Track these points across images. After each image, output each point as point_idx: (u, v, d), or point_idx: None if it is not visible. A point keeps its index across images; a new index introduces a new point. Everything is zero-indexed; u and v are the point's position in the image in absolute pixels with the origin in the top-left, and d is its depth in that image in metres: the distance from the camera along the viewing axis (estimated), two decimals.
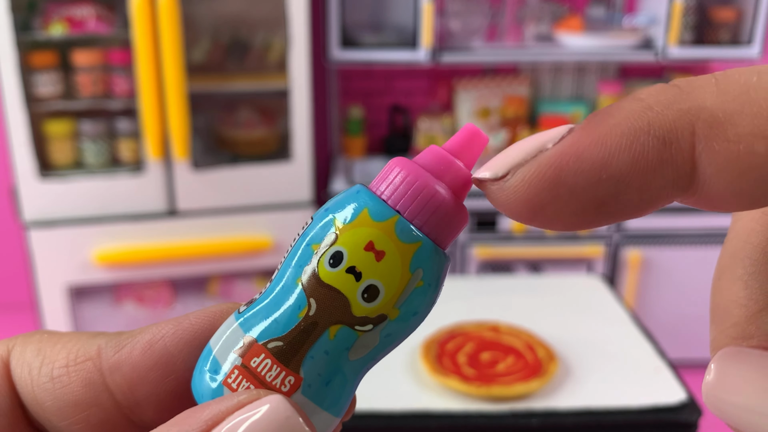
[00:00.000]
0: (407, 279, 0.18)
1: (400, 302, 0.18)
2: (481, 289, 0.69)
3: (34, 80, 1.59)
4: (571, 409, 0.43)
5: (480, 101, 2.09)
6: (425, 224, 0.19)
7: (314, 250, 0.19)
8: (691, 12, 1.89)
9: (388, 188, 0.19)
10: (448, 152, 0.20)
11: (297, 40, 1.62)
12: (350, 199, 0.19)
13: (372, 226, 0.18)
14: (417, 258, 0.18)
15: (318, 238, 0.19)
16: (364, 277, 0.18)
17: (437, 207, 0.19)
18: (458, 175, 0.20)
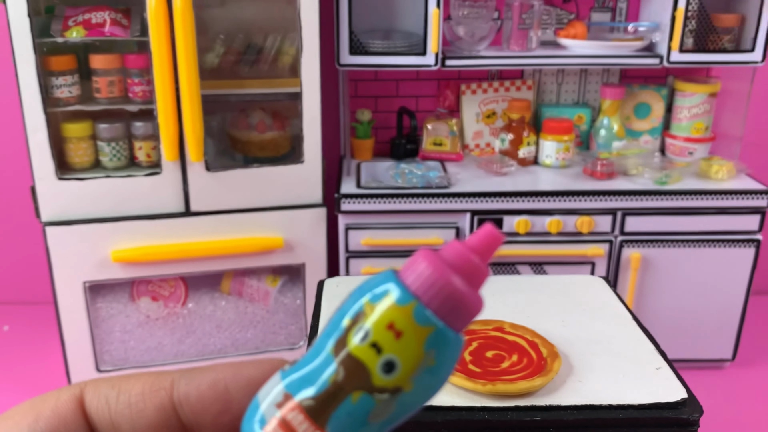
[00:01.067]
0: (421, 357, 0.21)
1: (414, 376, 0.21)
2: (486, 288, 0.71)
3: (52, 83, 1.63)
4: (573, 405, 0.46)
5: (485, 105, 2.12)
6: (441, 311, 0.22)
7: (346, 325, 0.22)
8: (693, 18, 1.91)
9: (413, 276, 0.22)
10: (468, 248, 0.23)
11: (309, 45, 1.66)
12: (380, 283, 0.22)
13: (394, 309, 0.21)
14: (431, 340, 0.21)
15: (351, 314, 0.22)
16: (384, 351, 0.21)
17: (453, 298, 0.22)
18: (475, 271, 0.23)
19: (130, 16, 1.68)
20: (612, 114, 2.01)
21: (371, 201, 1.79)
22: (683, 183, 1.87)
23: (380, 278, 0.23)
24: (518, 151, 2.00)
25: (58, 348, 1.88)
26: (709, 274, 1.89)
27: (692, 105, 2.02)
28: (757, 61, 1.89)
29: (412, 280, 0.22)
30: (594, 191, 1.81)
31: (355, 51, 1.81)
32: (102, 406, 0.26)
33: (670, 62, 1.88)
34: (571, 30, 1.95)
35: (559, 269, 1.88)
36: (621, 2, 2.05)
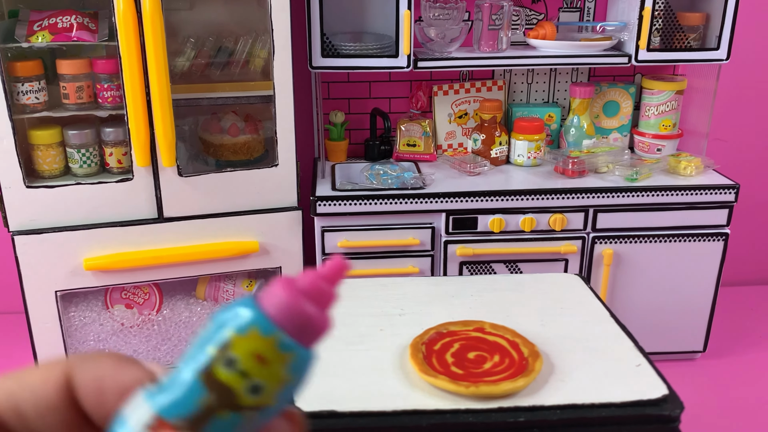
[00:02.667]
0: (285, 379, 0.24)
1: (277, 394, 0.24)
2: (464, 289, 0.72)
3: (18, 89, 1.60)
4: (557, 405, 0.47)
5: (457, 106, 2.13)
6: (297, 333, 0.24)
7: (213, 354, 0.24)
8: (660, 17, 1.95)
9: (273, 305, 0.24)
10: (319, 277, 0.26)
11: (280, 48, 1.65)
12: (243, 314, 0.24)
13: (260, 340, 0.24)
14: (292, 363, 0.24)
15: (216, 343, 0.24)
16: (251, 377, 0.23)
17: (307, 321, 0.25)
18: (325, 296, 0.26)
19: (98, 20, 1.66)
20: (581, 113, 2.04)
21: (347, 203, 1.79)
22: (653, 179, 1.90)
23: (242, 309, 0.25)
24: (490, 150, 2.01)
25: (30, 358, 1.85)
26: (680, 268, 1.93)
27: (660, 102, 2.06)
28: (722, 59, 1.93)
29: (272, 309, 0.24)
30: (566, 189, 1.84)
31: (327, 53, 1.81)
32: (6, 397, 0.26)
33: (638, 61, 1.91)
34: (541, 30, 1.97)
35: (533, 267, 1.89)
36: (589, 2, 2.08)
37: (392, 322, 0.59)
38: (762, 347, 2.15)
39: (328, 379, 0.49)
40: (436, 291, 0.68)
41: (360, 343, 0.55)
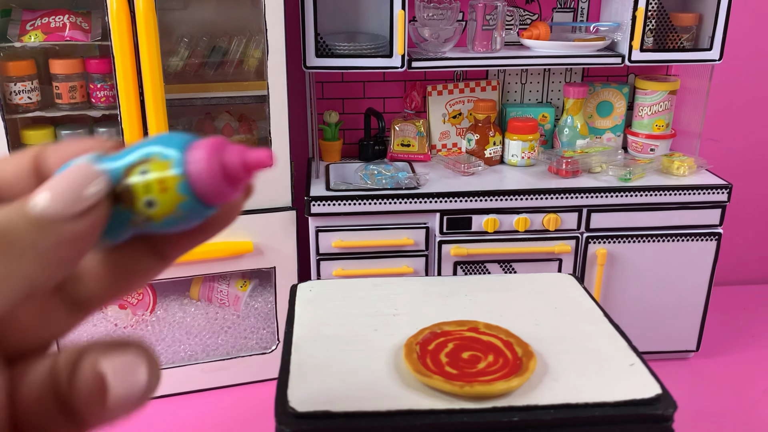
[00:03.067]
0: (172, 211, 0.27)
1: (164, 219, 0.27)
2: (459, 289, 0.72)
3: (11, 89, 1.59)
4: (550, 404, 0.47)
5: (451, 106, 2.13)
6: (200, 191, 0.27)
7: (136, 160, 0.28)
8: (653, 17, 1.95)
9: (193, 162, 0.27)
10: (244, 162, 0.28)
11: (274, 48, 1.65)
12: (170, 152, 0.28)
13: (169, 175, 0.27)
14: (183, 204, 0.27)
15: (143, 154, 0.28)
16: (151, 193, 0.27)
17: (211, 191, 0.28)
18: (239, 179, 0.28)
19: (91, 20, 1.65)
20: (575, 113, 2.05)
21: (341, 203, 1.79)
22: (646, 179, 1.91)
23: (176, 142, 0.28)
24: (485, 150, 2.02)
25: None
26: (673, 267, 1.94)
27: (653, 103, 2.07)
28: (715, 59, 1.93)
29: (191, 161, 0.27)
30: (559, 189, 1.84)
31: (321, 53, 1.81)
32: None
33: (631, 61, 1.91)
34: (534, 30, 1.98)
35: (527, 266, 1.90)
36: (582, 2, 2.09)
37: (386, 322, 0.59)
38: (754, 346, 2.16)
39: (321, 379, 0.49)
40: (430, 291, 0.68)
41: (354, 343, 0.55)
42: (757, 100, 2.30)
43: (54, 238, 0.25)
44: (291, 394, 0.47)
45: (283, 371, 0.52)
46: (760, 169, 2.39)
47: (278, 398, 0.48)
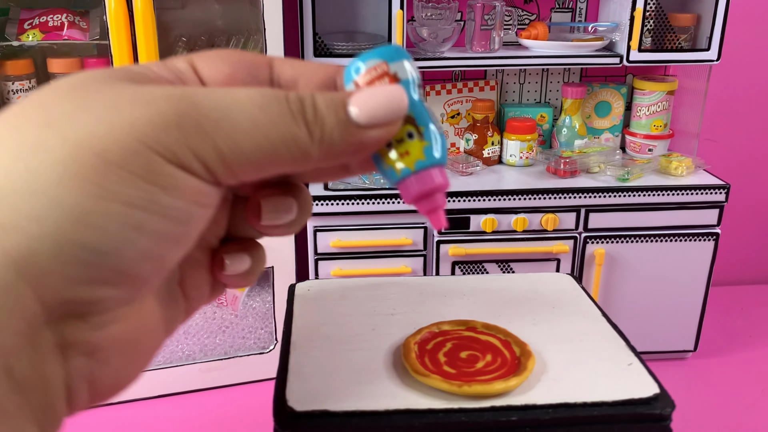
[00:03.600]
0: (395, 166, 0.32)
1: (386, 166, 0.32)
2: (457, 288, 0.72)
3: (9, 88, 1.59)
4: (549, 404, 0.47)
5: (450, 106, 2.13)
6: (415, 180, 0.32)
7: (413, 125, 0.32)
8: (651, 17, 1.96)
9: (436, 171, 0.33)
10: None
11: (273, 47, 1.65)
12: (437, 135, 0.33)
13: (421, 157, 0.32)
14: (402, 171, 0.32)
15: (424, 119, 0.32)
16: (399, 148, 0.32)
17: (426, 187, 0.32)
18: (438, 201, 0.33)
19: (89, 19, 1.65)
20: (573, 113, 2.05)
21: (339, 202, 1.79)
22: (644, 179, 1.91)
23: (441, 139, 0.32)
24: (483, 150, 2.02)
25: None
26: (671, 267, 1.94)
27: (651, 103, 2.07)
28: (713, 59, 1.94)
29: (431, 173, 0.32)
30: (558, 189, 1.84)
31: (319, 53, 1.81)
32: (286, 67, 0.33)
33: (629, 61, 1.92)
34: (533, 30, 1.98)
35: (525, 266, 1.90)
36: (581, 2, 2.09)
37: (384, 322, 0.59)
38: (752, 347, 2.16)
39: (320, 378, 0.49)
40: (428, 291, 0.68)
41: (352, 342, 0.55)
42: (755, 100, 2.31)
43: (347, 137, 0.29)
44: (289, 393, 0.47)
45: (281, 371, 0.51)
46: (758, 169, 2.39)
47: (276, 397, 0.48)
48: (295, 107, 0.28)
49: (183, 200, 0.26)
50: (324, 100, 0.28)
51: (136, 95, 0.25)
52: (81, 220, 0.23)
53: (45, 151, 0.23)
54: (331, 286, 0.66)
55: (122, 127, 0.24)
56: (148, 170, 0.24)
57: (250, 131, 0.26)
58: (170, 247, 0.26)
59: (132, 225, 0.24)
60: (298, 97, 0.28)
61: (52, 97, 0.26)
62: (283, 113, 0.27)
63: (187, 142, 0.25)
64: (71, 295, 0.24)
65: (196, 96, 0.26)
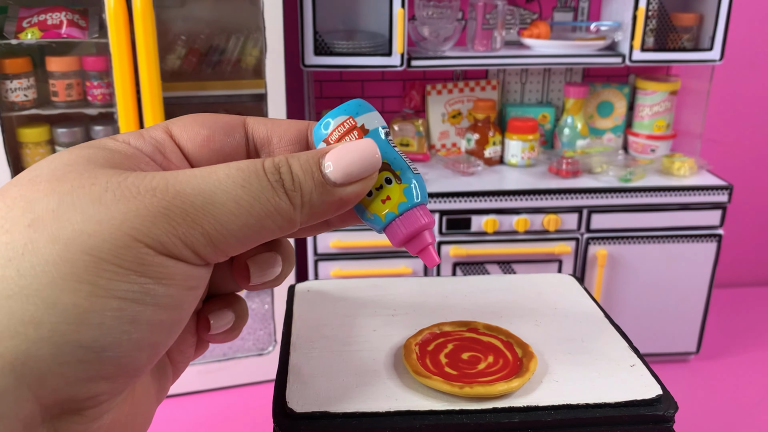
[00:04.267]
0: (379, 213, 0.33)
1: (371, 214, 0.33)
2: (458, 289, 0.71)
3: (7, 86, 1.58)
4: (551, 405, 0.46)
5: (451, 105, 2.13)
6: (399, 226, 0.34)
7: (389, 171, 0.33)
8: (653, 17, 1.95)
9: (418, 212, 0.34)
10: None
11: (273, 46, 1.64)
12: (420, 185, 0.34)
13: (402, 202, 0.33)
14: (386, 216, 0.33)
15: (398, 166, 0.34)
16: (380, 196, 0.33)
17: (410, 231, 0.34)
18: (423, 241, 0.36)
19: (88, 17, 1.64)
20: (575, 113, 2.04)
21: None
22: (647, 180, 1.90)
23: (421, 187, 0.34)
24: (484, 150, 2.01)
25: None
26: (673, 268, 1.93)
27: (653, 103, 2.06)
28: (716, 59, 1.93)
29: (415, 216, 0.33)
30: (559, 189, 1.83)
31: (319, 52, 1.80)
32: (260, 126, 0.34)
33: (631, 61, 1.91)
34: (535, 30, 1.97)
35: (527, 267, 1.89)
36: (583, 2, 2.08)
37: (385, 323, 0.58)
38: (755, 348, 2.16)
39: (320, 380, 0.48)
40: (429, 291, 0.67)
41: (352, 343, 0.54)
42: (758, 100, 2.30)
43: (327, 198, 0.30)
44: (289, 394, 0.47)
45: (281, 372, 0.51)
46: (761, 170, 2.38)
47: (276, 399, 0.47)
48: (273, 178, 0.28)
49: (175, 287, 0.26)
50: (299, 164, 0.29)
51: (120, 189, 0.26)
52: (78, 319, 0.24)
53: (35, 253, 0.24)
54: (331, 286, 0.66)
55: (111, 223, 0.25)
56: (139, 263, 0.25)
57: (235, 211, 0.27)
58: (165, 334, 0.27)
59: (128, 318, 0.25)
60: (274, 166, 0.29)
61: (34, 191, 0.26)
62: (264, 186, 0.28)
63: (175, 231, 0.26)
64: (70, 393, 0.24)
65: (178, 184, 0.27)
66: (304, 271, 1.93)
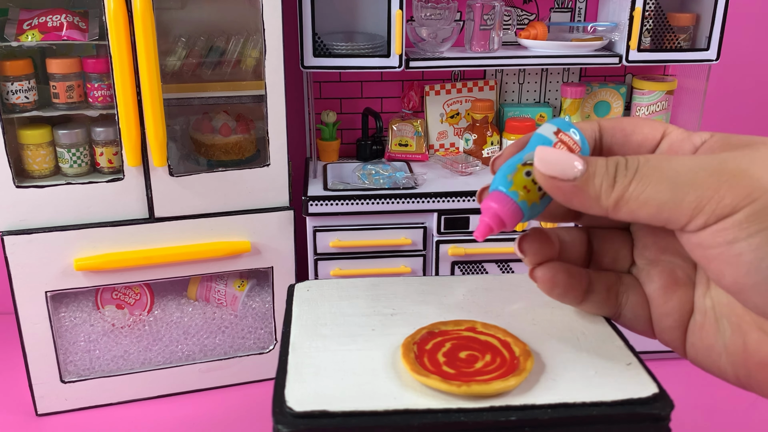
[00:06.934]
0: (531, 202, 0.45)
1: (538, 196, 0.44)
2: (456, 288, 0.71)
3: (8, 88, 1.59)
4: (548, 404, 0.47)
5: (449, 105, 2.13)
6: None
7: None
8: (650, 17, 1.96)
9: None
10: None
11: (272, 48, 1.65)
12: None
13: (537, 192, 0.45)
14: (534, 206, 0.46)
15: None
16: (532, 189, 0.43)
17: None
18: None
19: (88, 19, 1.65)
20: (573, 113, 2.05)
21: (338, 203, 1.79)
22: None
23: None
24: (482, 150, 2.02)
25: (20, 359, 1.84)
26: None
27: (650, 103, 2.07)
28: (712, 59, 1.94)
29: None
30: None
31: (318, 53, 1.81)
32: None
33: (628, 61, 1.92)
34: (532, 30, 1.98)
35: (524, 267, 1.89)
36: (580, 2, 2.09)
37: (384, 322, 0.58)
38: None
39: (319, 379, 0.49)
40: (427, 290, 0.68)
41: (352, 343, 0.55)
42: (755, 100, 2.31)
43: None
44: (288, 393, 0.47)
45: (281, 371, 0.51)
46: None
47: (276, 398, 0.48)
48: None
49: None
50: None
51: None
52: None
53: None
54: (330, 286, 0.66)
55: None
56: None
57: None
58: None
59: None
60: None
61: None
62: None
63: None
64: None
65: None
66: (303, 271, 1.94)
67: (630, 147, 0.44)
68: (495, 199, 0.43)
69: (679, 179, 0.36)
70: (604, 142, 0.45)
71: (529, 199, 0.43)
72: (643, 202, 0.37)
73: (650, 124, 0.44)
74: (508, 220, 0.44)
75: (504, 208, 0.43)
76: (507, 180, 0.43)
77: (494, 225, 0.44)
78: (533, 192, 0.42)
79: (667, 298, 0.47)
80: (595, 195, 0.39)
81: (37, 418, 1.79)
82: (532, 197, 0.43)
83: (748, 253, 0.34)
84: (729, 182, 0.34)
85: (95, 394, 1.81)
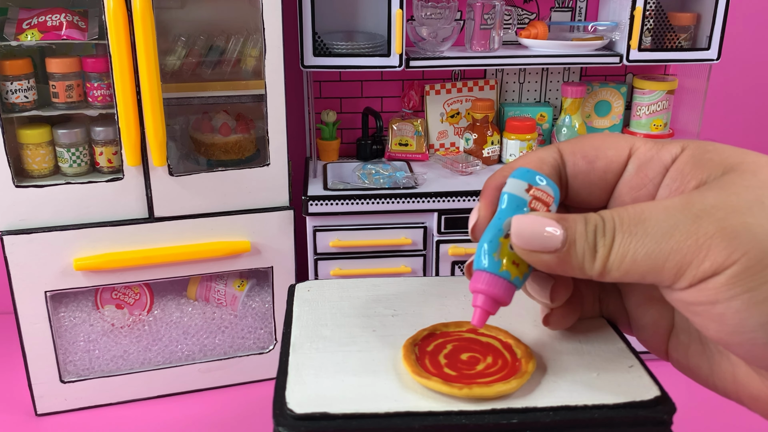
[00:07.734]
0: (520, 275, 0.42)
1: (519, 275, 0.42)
2: (457, 289, 0.71)
3: (7, 88, 1.59)
4: (549, 406, 0.46)
5: (449, 105, 2.13)
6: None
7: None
8: (651, 17, 1.95)
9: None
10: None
11: (272, 47, 1.65)
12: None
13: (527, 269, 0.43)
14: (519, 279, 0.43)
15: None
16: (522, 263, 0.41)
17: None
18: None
19: (88, 19, 1.65)
20: (573, 112, 2.04)
21: (338, 202, 1.79)
22: None
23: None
24: (482, 150, 2.01)
25: (20, 359, 1.84)
26: None
27: (651, 102, 2.07)
28: (713, 58, 1.94)
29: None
30: None
31: (318, 52, 1.80)
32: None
33: (629, 61, 1.91)
34: (533, 30, 1.98)
35: None
36: (581, 2, 2.08)
37: (384, 323, 0.58)
38: None
39: (319, 380, 0.49)
40: (428, 291, 0.67)
41: (352, 344, 0.55)
42: (755, 99, 2.30)
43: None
44: (289, 395, 0.47)
45: (281, 372, 0.51)
46: None
47: (276, 399, 0.47)
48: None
49: None
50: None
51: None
52: None
53: None
54: (330, 286, 0.66)
55: None
56: None
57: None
58: None
59: None
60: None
61: None
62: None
63: None
64: None
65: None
66: (304, 271, 1.93)
67: (595, 174, 0.42)
68: (486, 282, 0.41)
69: (657, 246, 0.35)
70: (567, 170, 0.43)
71: (521, 271, 0.42)
72: (625, 271, 0.37)
73: (614, 145, 0.42)
74: (506, 300, 0.42)
75: (500, 291, 0.41)
76: (494, 260, 0.41)
77: (492, 310, 0.42)
78: (523, 264, 0.41)
79: (642, 313, 0.48)
80: (579, 265, 0.38)
81: (36, 418, 1.79)
82: (523, 268, 0.41)
83: (731, 315, 0.34)
84: (707, 244, 0.33)
85: (95, 394, 1.81)
